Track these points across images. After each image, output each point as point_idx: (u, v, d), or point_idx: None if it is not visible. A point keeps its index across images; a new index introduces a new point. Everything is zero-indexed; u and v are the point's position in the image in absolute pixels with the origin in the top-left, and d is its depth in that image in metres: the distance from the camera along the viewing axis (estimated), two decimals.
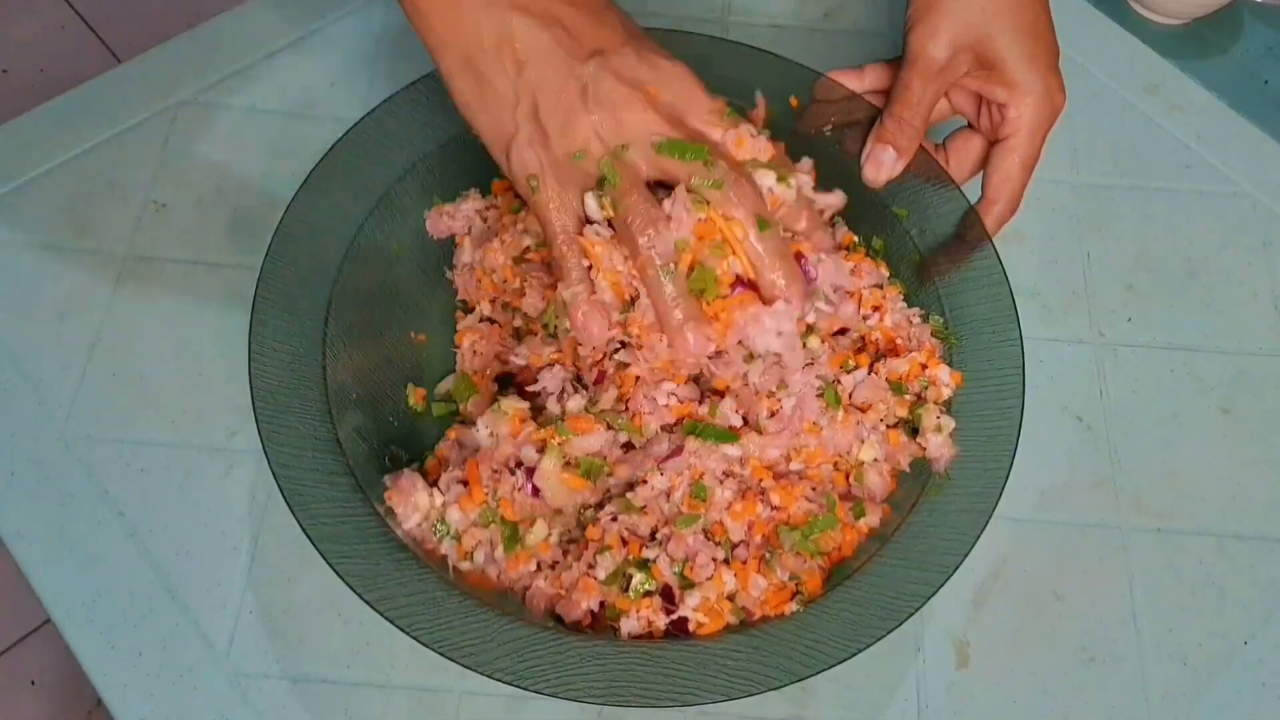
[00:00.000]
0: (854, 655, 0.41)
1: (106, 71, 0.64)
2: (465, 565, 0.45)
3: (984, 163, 0.54)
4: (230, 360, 0.54)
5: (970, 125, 0.56)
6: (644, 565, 0.44)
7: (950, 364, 0.50)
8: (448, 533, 0.45)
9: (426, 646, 0.40)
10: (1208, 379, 0.57)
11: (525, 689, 0.40)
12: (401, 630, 0.41)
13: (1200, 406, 0.57)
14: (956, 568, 0.43)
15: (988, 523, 0.44)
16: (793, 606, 0.44)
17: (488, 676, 0.40)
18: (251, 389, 0.45)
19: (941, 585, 0.43)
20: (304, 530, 0.42)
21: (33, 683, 1.15)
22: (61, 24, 1.64)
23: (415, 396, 0.52)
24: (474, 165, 0.55)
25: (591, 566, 0.44)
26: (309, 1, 0.68)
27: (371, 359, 0.51)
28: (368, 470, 0.46)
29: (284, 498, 0.43)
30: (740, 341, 0.46)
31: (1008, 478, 0.45)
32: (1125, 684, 0.49)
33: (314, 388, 0.47)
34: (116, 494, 0.51)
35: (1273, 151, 0.65)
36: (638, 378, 0.47)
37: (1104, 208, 0.63)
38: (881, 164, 0.53)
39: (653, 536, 0.45)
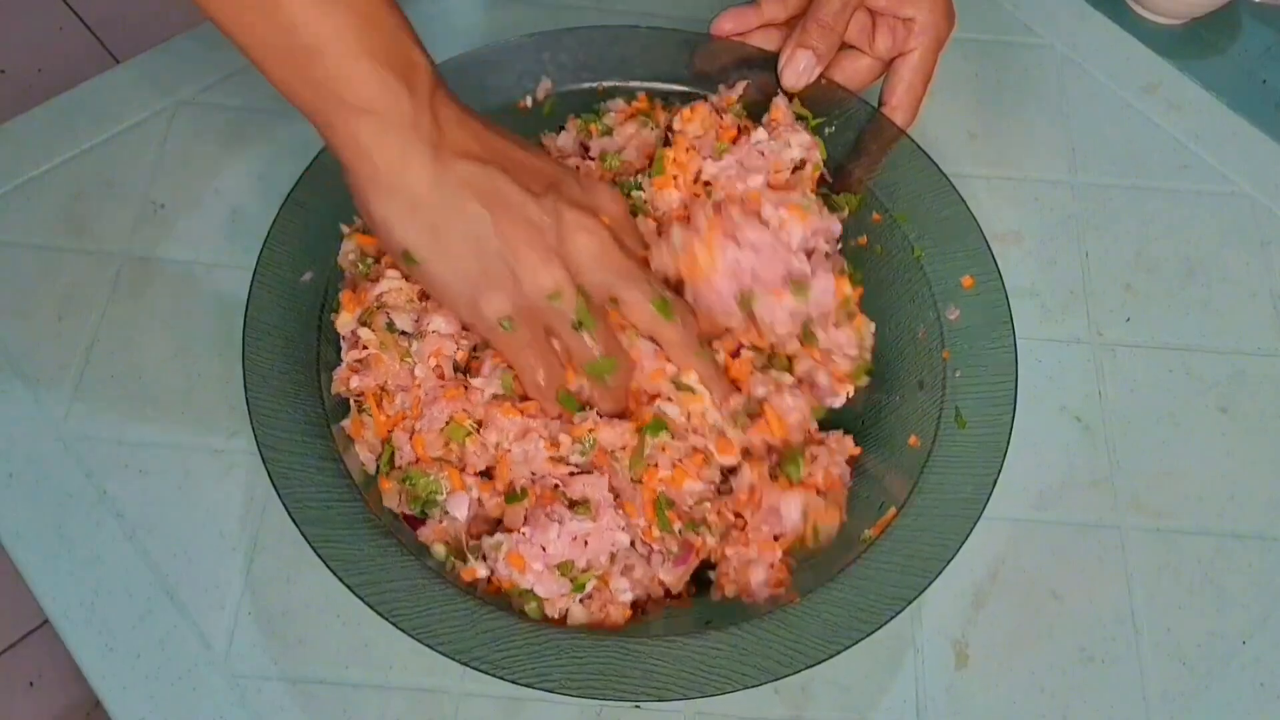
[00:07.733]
0: (832, 657, 0.41)
1: (105, 72, 0.64)
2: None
3: (871, 79, 0.58)
4: (228, 361, 0.54)
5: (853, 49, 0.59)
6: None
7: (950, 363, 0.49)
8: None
9: (405, 633, 0.40)
10: (1206, 378, 0.57)
11: (502, 678, 0.40)
12: (380, 615, 0.41)
13: (1198, 406, 0.57)
14: (939, 573, 0.43)
15: (973, 528, 0.44)
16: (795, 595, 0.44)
17: (465, 665, 0.40)
18: (244, 370, 0.46)
19: (924, 589, 0.43)
20: (289, 512, 0.42)
21: (31, 684, 1.15)
22: (60, 24, 1.64)
23: None
24: None
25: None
26: None
27: None
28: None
29: (270, 479, 0.43)
30: None
31: (995, 483, 0.45)
32: (1124, 684, 0.49)
33: (307, 372, 0.47)
34: (115, 495, 0.51)
35: (1271, 151, 0.65)
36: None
37: (1102, 207, 0.63)
38: (800, 69, 0.55)
39: None
